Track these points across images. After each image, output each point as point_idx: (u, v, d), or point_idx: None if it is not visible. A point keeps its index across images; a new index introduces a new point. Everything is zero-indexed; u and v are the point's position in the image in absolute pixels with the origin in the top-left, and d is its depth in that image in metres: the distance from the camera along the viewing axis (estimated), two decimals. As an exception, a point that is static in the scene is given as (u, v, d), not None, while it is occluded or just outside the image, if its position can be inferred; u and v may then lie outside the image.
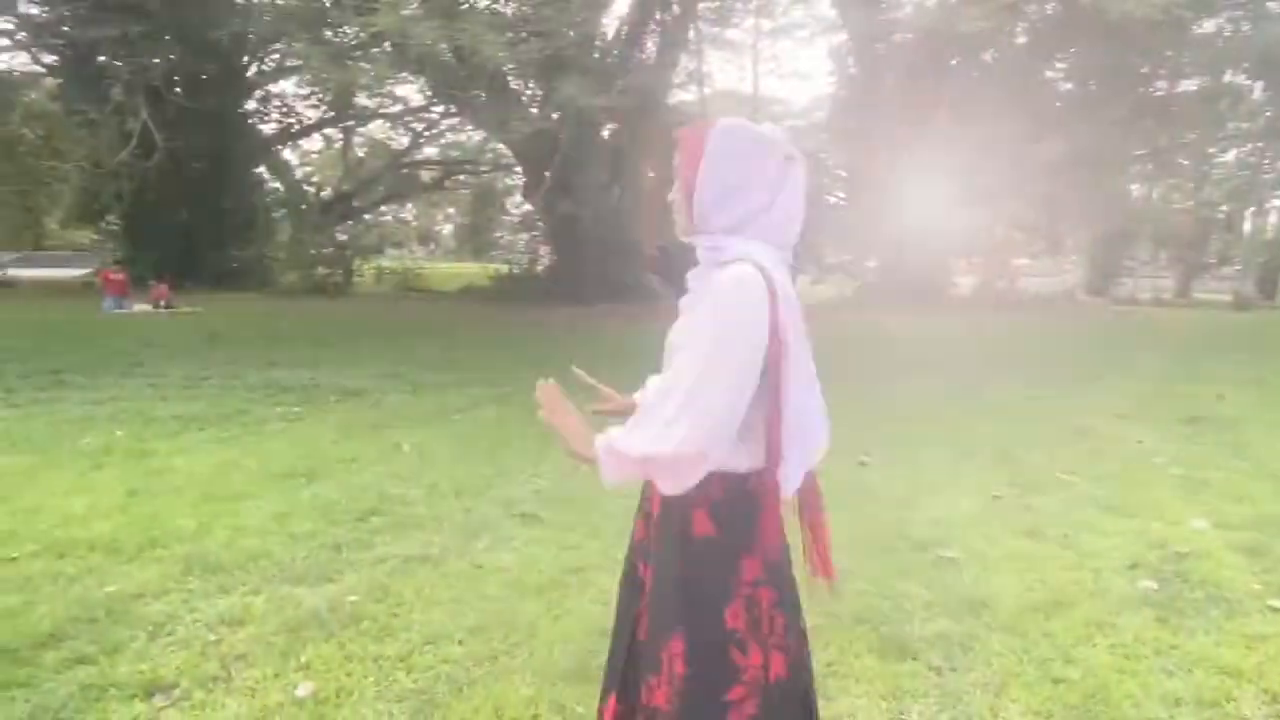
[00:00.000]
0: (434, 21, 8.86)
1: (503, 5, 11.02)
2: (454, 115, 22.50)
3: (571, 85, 9.14)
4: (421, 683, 2.59)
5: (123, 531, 3.80)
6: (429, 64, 12.42)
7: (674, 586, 1.57)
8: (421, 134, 30.96)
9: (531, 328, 14.21)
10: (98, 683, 2.52)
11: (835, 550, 3.53)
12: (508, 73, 14.21)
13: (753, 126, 1.58)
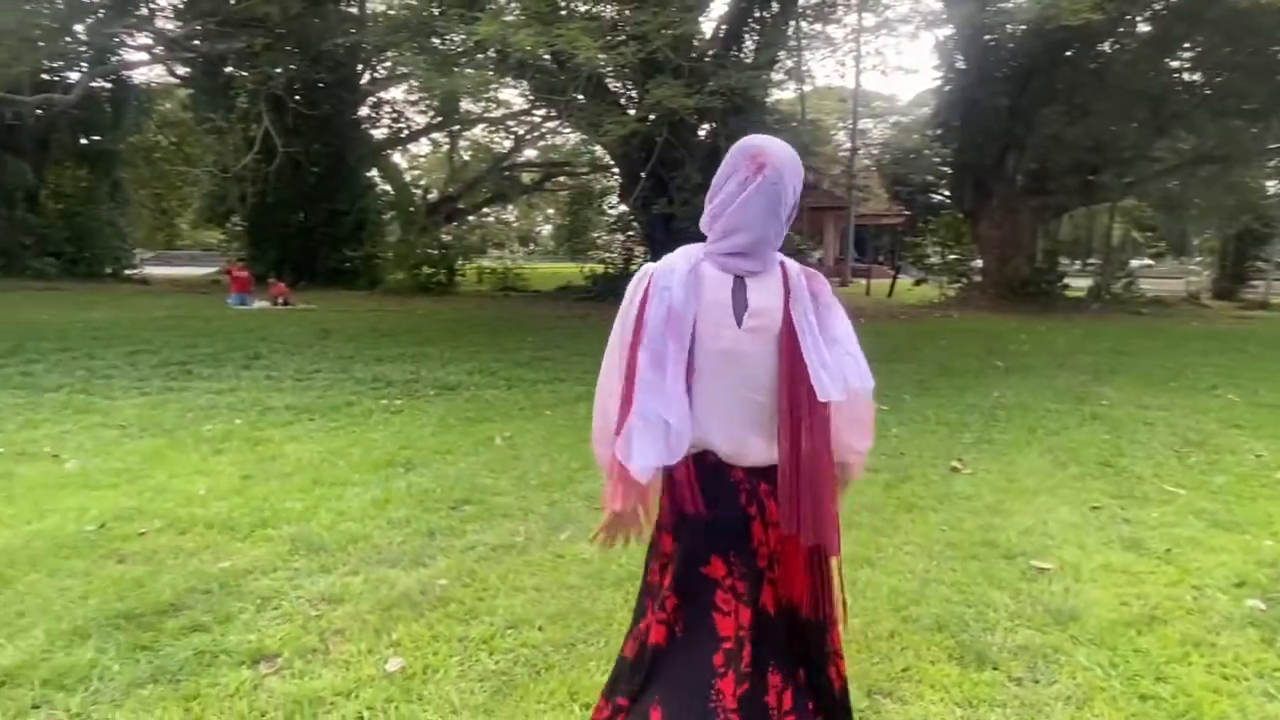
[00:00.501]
0: (532, 28, 9.09)
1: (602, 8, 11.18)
2: (553, 118, 22.94)
3: (663, 87, 9.21)
4: (502, 664, 2.71)
5: (237, 512, 4.09)
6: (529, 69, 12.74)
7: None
8: (523, 137, 31.70)
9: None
10: (210, 649, 2.74)
11: (917, 554, 3.51)
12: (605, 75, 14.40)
13: (747, 140, 1.71)
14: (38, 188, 23.90)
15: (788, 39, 20.66)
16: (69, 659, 2.64)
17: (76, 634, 2.80)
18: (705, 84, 9.77)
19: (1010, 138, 18.83)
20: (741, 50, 19.09)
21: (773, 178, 1.64)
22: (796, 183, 1.70)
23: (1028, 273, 19.22)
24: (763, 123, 17.80)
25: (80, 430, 5.82)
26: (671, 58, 9.44)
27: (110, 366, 8.50)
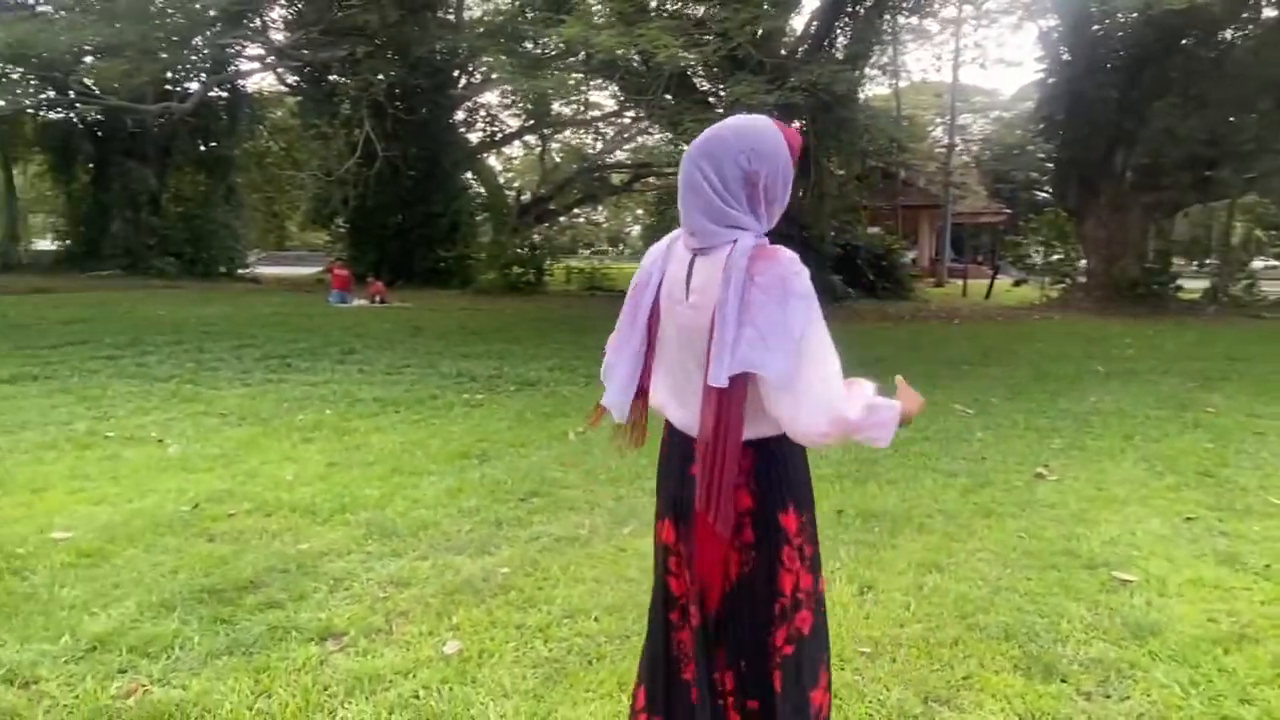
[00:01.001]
0: (615, 29, 9.15)
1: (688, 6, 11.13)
2: (641, 119, 23.05)
3: (742, 84, 9.11)
4: (556, 652, 2.75)
5: (319, 497, 4.28)
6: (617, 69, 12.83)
7: None
8: (612, 139, 32.00)
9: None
10: (283, 625, 2.88)
11: (991, 561, 3.39)
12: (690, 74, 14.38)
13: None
14: (160, 192, 25.49)
15: (882, 33, 20.21)
16: (155, 629, 2.82)
17: (164, 606, 2.99)
18: (787, 80, 9.64)
19: (1119, 131, 17.90)
20: (833, 45, 18.76)
21: (687, 159, 1.67)
22: (710, 162, 1.64)
23: (1137, 273, 18.24)
24: (854, 119, 17.51)
25: (185, 418, 6.19)
26: (753, 54, 9.35)
27: (217, 359, 9.00)
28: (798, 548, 1.70)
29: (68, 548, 3.50)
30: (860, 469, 5.04)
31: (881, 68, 23.10)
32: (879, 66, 22.52)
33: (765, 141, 1.64)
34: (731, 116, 1.74)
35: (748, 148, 1.63)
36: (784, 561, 1.69)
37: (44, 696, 2.42)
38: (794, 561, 1.70)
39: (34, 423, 5.88)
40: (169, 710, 2.36)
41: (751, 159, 1.63)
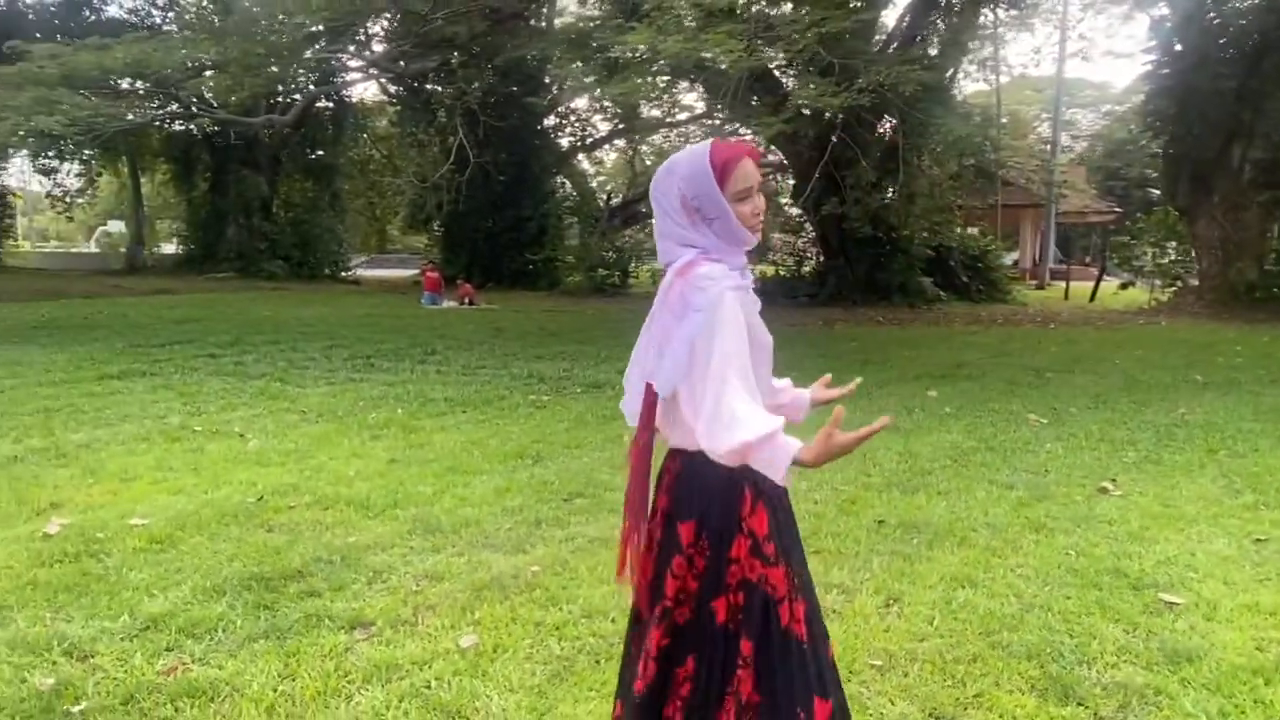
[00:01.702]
0: (682, 34, 9.19)
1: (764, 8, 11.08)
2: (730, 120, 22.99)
3: (809, 87, 8.99)
4: (568, 651, 2.83)
5: (375, 493, 4.49)
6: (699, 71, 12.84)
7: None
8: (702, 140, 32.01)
9: (785, 329, 14.19)
10: (318, 613, 3.06)
11: (1031, 577, 3.29)
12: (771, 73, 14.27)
13: None
14: (271, 199, 26.97)
15: (978, 27, 19.56)
16: (203, 611, 3.03)
17: (215, 591, 3.22)
18: (854, 82, 9.45)
19: (1236, 125, 16.83)
20: (925, 42, 18.27)
21: (651, 190, 1.82)
22: (660, 192, 1.80)
23: (1255, 276, 17.10)
24: (945, 118, 17.03)
25: (268, 414, 6.57)
26: (821, 54, 9.22)
27: (308, 359, 9.49)
28: (688, 558, 1.76)
29: (142, 534, 3.80)
30: (913, 479, 4.95)
31: (982, 63, 22.42)
32: (978, 62, 21.86)
33: (693, 168, 1.75)
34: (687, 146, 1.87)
35: (680, 177, 1.76)
36: (672, 567, 1.77)
37: (97, 670, 2.65)
38: (681, 569, 1.76)
39: (133, 416, 6.36)
40: (203, 687, 2.55)
41: (683, 186, 1.75)
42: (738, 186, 1.76)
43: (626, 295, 21.86)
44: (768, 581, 1.75)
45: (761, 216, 1.82)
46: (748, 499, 1.76)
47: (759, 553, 1.76)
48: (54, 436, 5.64)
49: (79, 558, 3.52)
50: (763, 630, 1.74)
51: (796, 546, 1.85)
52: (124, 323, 12.83)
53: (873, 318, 16.51)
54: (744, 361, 1.69)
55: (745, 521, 1.77)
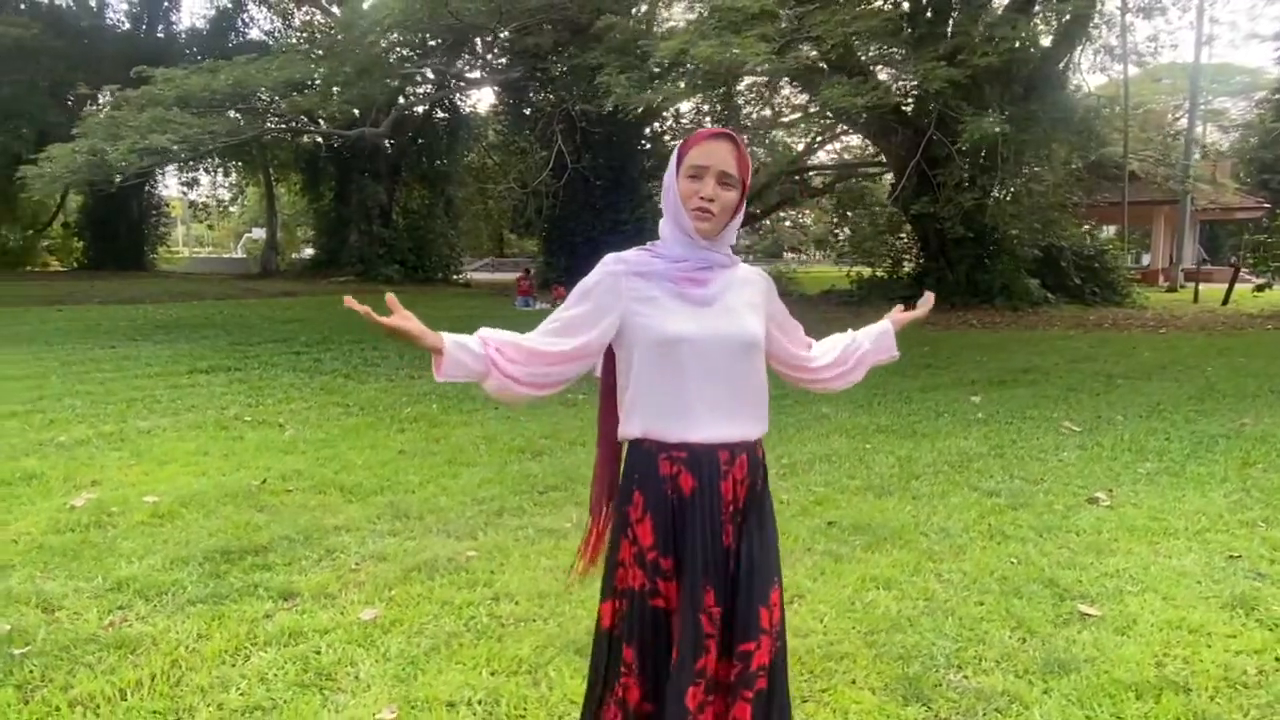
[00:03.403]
0: (712, 39, 9.21)
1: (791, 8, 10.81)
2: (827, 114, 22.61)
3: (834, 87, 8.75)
4: (457, 628, 3.03)
5: (368, 480, 4.85)
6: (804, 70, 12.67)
7: (765, 545, 1.80)
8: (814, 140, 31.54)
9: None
10: (259, 584, 3.38)
11: (954, 583, 3.24)
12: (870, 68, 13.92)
13: None
14: (389, 206, 28.51)
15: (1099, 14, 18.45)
16: (164, 577, 3.42)
17: (182, 560, 3.61)
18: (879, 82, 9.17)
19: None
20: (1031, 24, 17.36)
21: None
22: None
23: None
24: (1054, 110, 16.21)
25: (317, 407, 7.10)
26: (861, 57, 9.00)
27: (381, 356, 10.11)
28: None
29: (149, 510, 4.27)
30: (895, 483, 4.90)
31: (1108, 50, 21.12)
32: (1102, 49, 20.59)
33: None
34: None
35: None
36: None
37: (54, 621, 3.05)
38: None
39: (199, 406, 7.02)
40: (131, 640, 2.91)
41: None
42: (690, 163, 1.72)
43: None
44: (656, 593, 1.73)
45: (710, 207, 1.70)
46: (637, 503, 1.75)
47: (642, 561, 1.73)
48: (124, 423, 6.32)
49: (88, 528, 4.01)
50: (629, 637, 1.75)
51: (704, 554, 1.73)
52: (235, 322, 13.98)
53: (966, 321, 15.91)
54: (556, 323, 1.82)
55: (632, 527, 1.75)
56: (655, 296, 1.75)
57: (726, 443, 1.76)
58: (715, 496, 1.74)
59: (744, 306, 1.81)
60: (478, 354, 1.73)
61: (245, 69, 12.74)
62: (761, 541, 1.78)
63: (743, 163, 1.75)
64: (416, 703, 2.53)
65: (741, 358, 1.78)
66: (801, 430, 6.33)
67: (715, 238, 1.78)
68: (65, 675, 2.66)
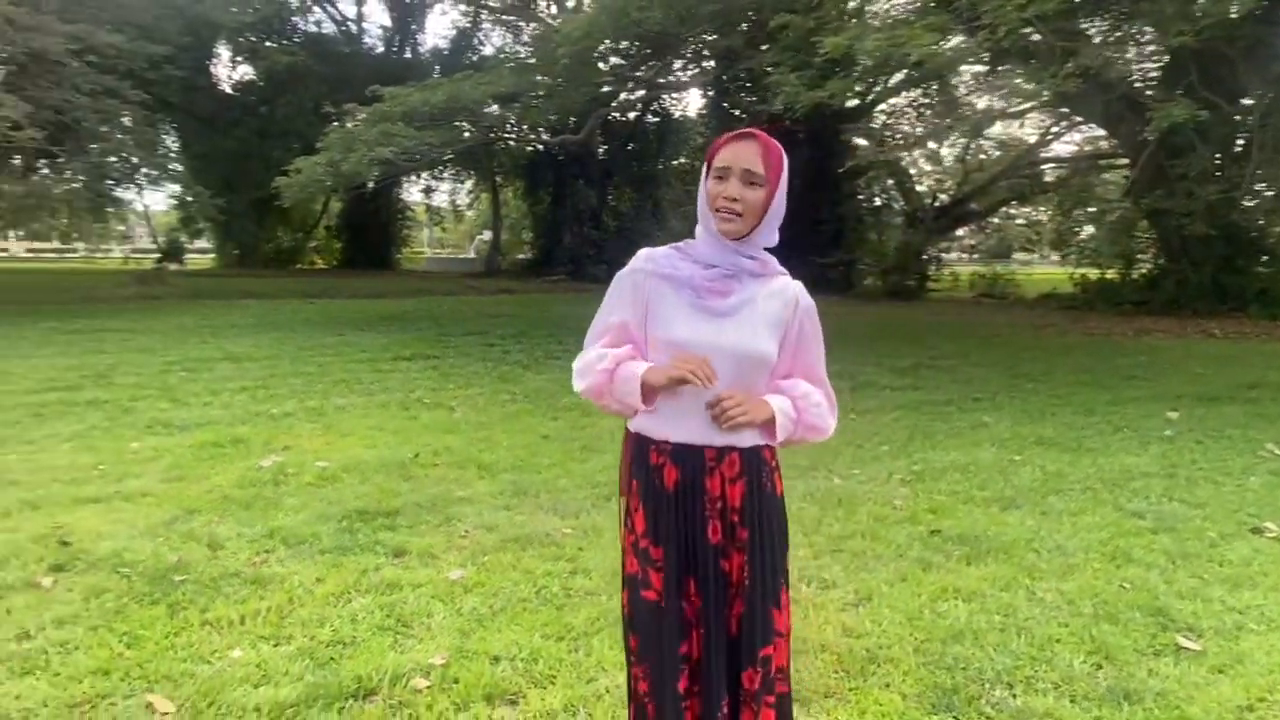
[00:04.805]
0: (883, 32, 8.76)
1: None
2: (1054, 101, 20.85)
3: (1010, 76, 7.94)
4: (531, 593, 3.28)
5: (505, 459, 5.26)
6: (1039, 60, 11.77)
7: (775, 548, 1.80)
8: (1048, 131, 29.21)
9: (1079, 338, 12.76)
10: (379, 541, 3.82)
11: (1050, 601, 3.06)
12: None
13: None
14: (600, 209, 29.83)
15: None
16: (306, 529, 3.96)
17: (325, 517, 4.15)
18: (1063, 66, 8.18)
19: None
20: None
21: None
22: None
23: None
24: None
25: (487, 393, 7.72)
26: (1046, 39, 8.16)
27: (565, 350, 10.70)
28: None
29: (317, 473, 4.92)
30: (1032, 497, 4.59)
31: None
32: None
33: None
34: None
35: None
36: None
37: (214, 558, 3.65)
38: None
39: (391, 389, 7.86)
40: (265, 578, 3.42)
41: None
42: (717, 164, 1.74)
43: (924, 300, 20.96)
44: (648, 584, 1.76)
45: (734, 207, 1.71)
46: (634, 492, 1.80)
47: (637, 549, 1.79)
48: (326, 400, 7.23)
49: (265, 485, 4.70)
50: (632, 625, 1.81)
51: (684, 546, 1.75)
52: (449, 316, 15.32)
53: (1206, 330, 14.14)
54: (602, 327, 1.86)
55: (631, 515, 1.81)
56: (672, 300, 1.77)
57: (713, 444, 1.75)
58: (698, 491, 1.75)
59: (762, 321, 1.77)
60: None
61: (459, 84, 14.02)
62: (770, 542, 1.78)
63: (771, 161, 1.73)
64: (468, 653, 2.81)
65: (744, 368, 1.75)
66: (951, 438, 6.05)
67: (744, 240, 1.76)
68: (206, 600, 3.20)
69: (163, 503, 4.36)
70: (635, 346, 1.84)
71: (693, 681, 1.74)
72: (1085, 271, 19.42)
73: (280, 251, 34.21)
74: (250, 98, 29.37)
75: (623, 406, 1.81)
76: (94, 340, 10.77)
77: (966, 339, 12.64)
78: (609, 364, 1.79)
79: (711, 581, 1.74)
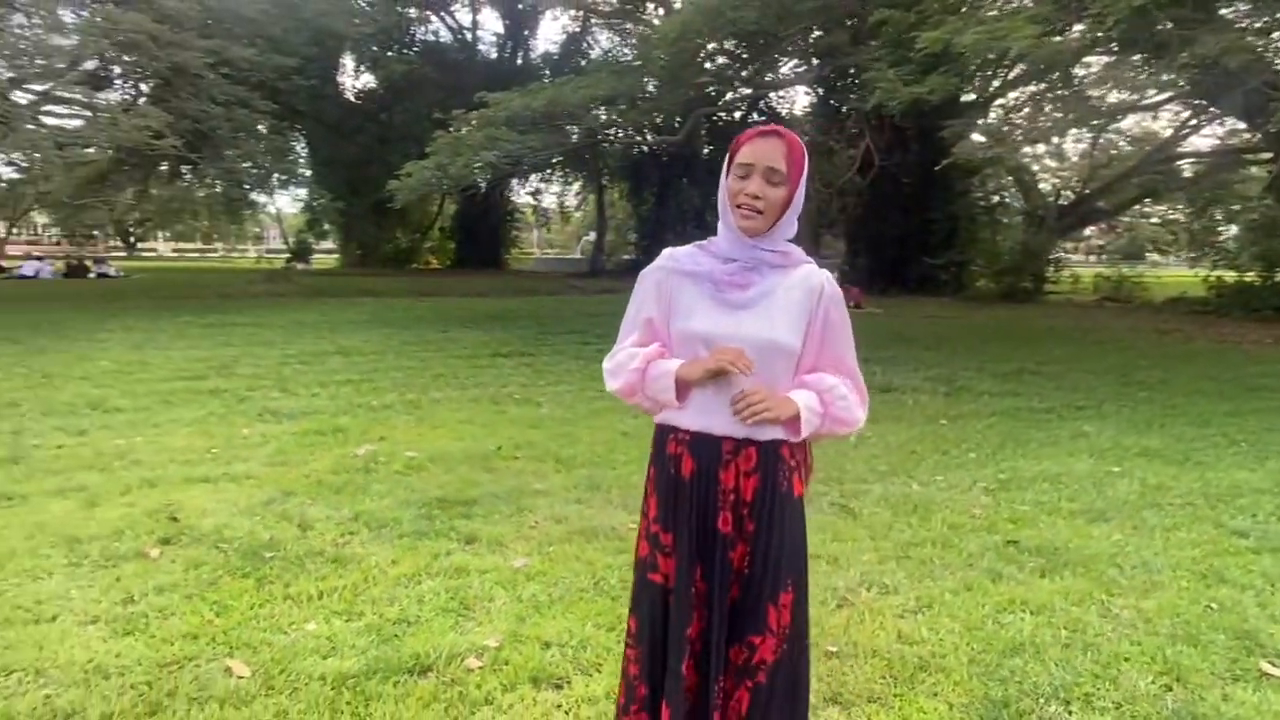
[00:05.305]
0: (985, 26, 8.33)
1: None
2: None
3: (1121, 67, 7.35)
4: (589, 583, 3.37)
5: (582, 454, 5.39)
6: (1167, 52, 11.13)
7: (784, 546, 1.78)
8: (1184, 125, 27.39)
9: (1205, 344, 11.94)
10: (452, 528, 3.99)
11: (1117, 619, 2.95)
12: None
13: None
14: (704, 208, 29.83)
15: None
16: (388, 514, 4.18)
17: (407, 503, 4.36)
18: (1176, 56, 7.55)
19: None
20: None
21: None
22: None
23: None
24: None
25: (574, 390, 7.88)
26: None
27: (657, 349, 10.81)
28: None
29: (405, 462, 5.16)
30: (1125, 511, 4.37)
31: None
32: None
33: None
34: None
35: None
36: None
37: (303, 537, 3.90)
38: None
39: (485, 384, 8.13)
40: (345, 558, 3.64)
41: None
42: (739, 161, 1.76)
43: (1040, 303, 20.04)
44: (655, 568, 1.83)
45: (756, 204, 1.73)
46: (651, 478, 1.90)
47: (648, 533, 1.87)
48: (423, 394, 7.55)
49: (357, 472, 4.97)
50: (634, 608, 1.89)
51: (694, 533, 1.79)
52: (551, 315, 15.67)
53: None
54: (629, 325, 1.93)
55: (646, 500, 1.90)
56: (693, 294, 1.81)
57: (732, 435, 1.77)
58: (712, 482, 1.77)
59: (781, 312, 1.78)
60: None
61: (559, 89, 14.34)
62: (779, 540, 1.77)
63: (794, 159, 1.74)
64: (521, 638, 2.91)
65: (767, 362, 1.75)
66: (1045, 446, 5.81)
67: (764, 236, 1.78)
68: (290, 576, 3.43)
69: (263, 485, 4.67)
70: (662, 344, 1.88)
71: (696, 663, 1.77)
72: (1220, 274, 18.13)
73: (398, 252, 35.72)
74: (371, 105, 30.84)
75: (654, 404, 1.87)
76: (222, 334, 11.58)
77: (1080, 344, 12.02)
78: (640, 363, 1.85)
79: (717, 568, 1.78)
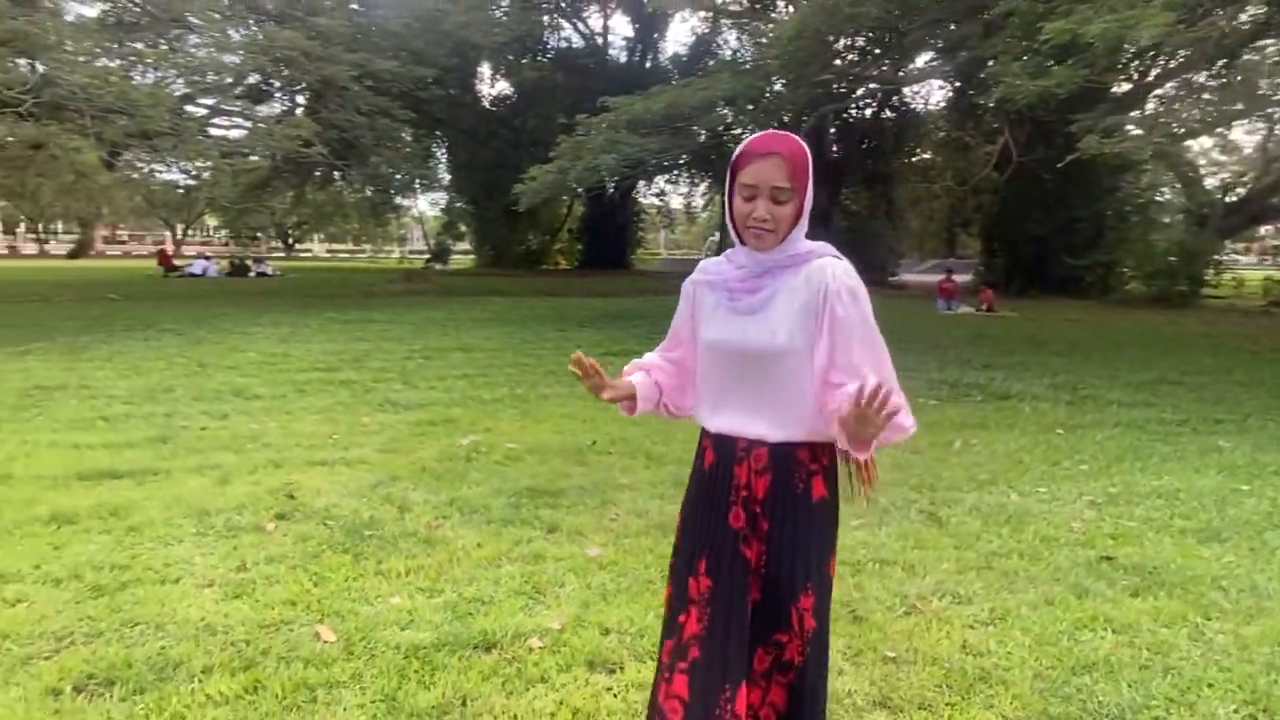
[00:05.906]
0: (1117, 14, 7.66)
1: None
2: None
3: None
4: (656, 575, 3.45)
5: (674, 451, 5.47)
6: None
7: (800, 547, 1.79)
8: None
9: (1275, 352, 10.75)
10: (537, 517, 4.17)
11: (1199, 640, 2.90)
12: None
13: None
14: (830, 208, 29.23)
15: None
16: (480, 501, 4.40)
17: (499, 491, 4.57)
18: None
19: None
20: None
21: None
22: None
23: None
24: None
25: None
26: None
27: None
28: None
29: (504, 452, 5.41)
30: (1248, 531, 4.06)
31: None
32: None
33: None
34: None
35: None
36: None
37: (400, 519, 4.17)
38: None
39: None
40: (435, 540, 3.87)
41: None
42: (742, 183, 1.76)
43: (1195, 307, 18.57)
44: (678, 553, 1.90)
45: (765, 226, 1.73)
46: (692, 472, 1.95)
47: (682, 524, 1.94)
48: (533, 389, 7.84)
49: (458, 460, 5.25)
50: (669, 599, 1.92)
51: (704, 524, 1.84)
52: (667, 315, 15.39)
53: None
54: (669, 333, 2.03)
55: (686, 491, 1.98)
56: (711, 303, 1.87)
57: (744, 435, 1.81)
58: (727, 476, 1.82)
59: (784, 316, 1.77)
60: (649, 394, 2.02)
61: (679, 91, 14.46)
62: (794, 540, 1.78)
63: (797, 171, 1.72)
64: (584, 622, 3.04)
65: (767, 364, 1.78)
66: (1169, 461, 5.45)
67: (768, 251, 1.79)
68: (384, 553, 3.69)
69: (374, 469, 5.02)
70: (684, 349, 2.01)
71: (701, 656, 1.81)
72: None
73: (529, 253, 36.86)
74: (505, 111, 31.97)
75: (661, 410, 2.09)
76: (359, 329, 12.37)
77: (1234, 353, 11.10)
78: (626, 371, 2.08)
79: (726, 564, 1.80)
